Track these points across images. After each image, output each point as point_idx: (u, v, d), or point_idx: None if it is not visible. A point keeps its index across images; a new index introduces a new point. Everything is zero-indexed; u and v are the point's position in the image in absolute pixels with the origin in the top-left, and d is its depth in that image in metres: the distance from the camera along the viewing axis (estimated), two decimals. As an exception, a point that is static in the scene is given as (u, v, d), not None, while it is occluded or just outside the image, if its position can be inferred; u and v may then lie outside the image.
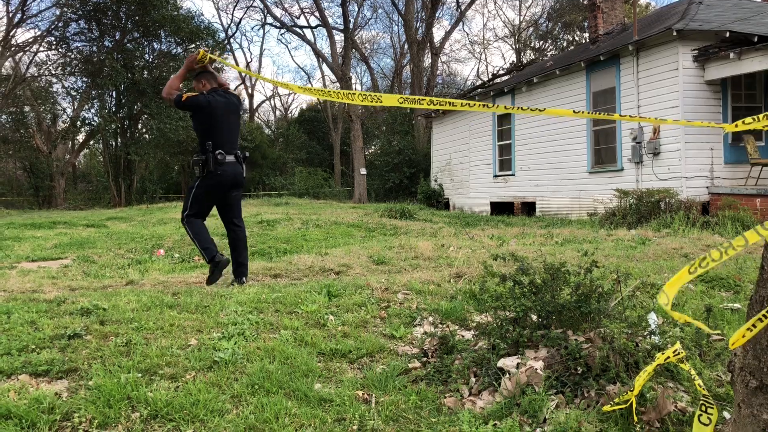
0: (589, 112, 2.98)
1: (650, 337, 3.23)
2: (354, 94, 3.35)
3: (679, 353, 2.52)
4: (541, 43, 38.95)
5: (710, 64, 11.80)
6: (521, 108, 3.35)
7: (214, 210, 5.76)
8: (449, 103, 3.29)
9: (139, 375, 3.15)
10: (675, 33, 11.87)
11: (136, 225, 12.30)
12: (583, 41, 28.96)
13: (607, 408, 2.67)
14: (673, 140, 12.18)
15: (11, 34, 25.65)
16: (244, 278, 5.69)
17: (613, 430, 2.55)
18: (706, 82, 11.98)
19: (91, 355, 3.42)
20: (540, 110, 3.09)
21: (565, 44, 36.06)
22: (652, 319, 3.61)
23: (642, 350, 3.06)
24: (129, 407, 2.83)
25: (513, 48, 41.18)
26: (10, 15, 26.11)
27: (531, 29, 39.39)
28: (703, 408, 2.35)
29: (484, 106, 3.21)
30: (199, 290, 5.05)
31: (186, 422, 2.74)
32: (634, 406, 2.58)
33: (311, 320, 4.16)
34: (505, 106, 3.21)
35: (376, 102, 3.32)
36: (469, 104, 3.18)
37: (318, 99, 45.60)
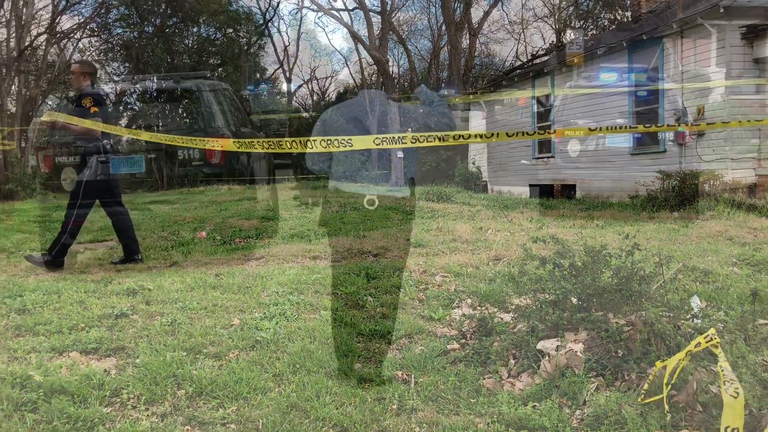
0: (607, 128, 2.88)
1: (692, 321, 3.18)
2: (315, 140, 3.18)
3: (711, 339, 2.49)
4: (581, 22, 38.09)
5: (759, 42, 11.40)
6: (526, 133, 3.20)
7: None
8: (438, 138, 3.15)
9: (184, 354, 3.23)
10: (722, 10, 11.48)
11: (178, 208, 12.49)
12: (625, 20, 28.24)
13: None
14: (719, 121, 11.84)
15: (56, 21, 26.13)
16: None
17: (654, 413, 2.54)
18: (754, 60, 11.58)
19: (137, 334, 3.52)
20: (550, 133, 3.01)
21: (606, 23, 35.21)
22: (695, 302, 3.56)
23: (684, 334, 3.02)
24: (175, 384, 2.92)
25: (553, 28, 40.37)
26: (55, 2, 26.62)
27: (571, 8, 38.53)
28: (726, 384, 2.32)
29: (480, 137, 3.04)
30: (240, 271, 5.14)
31: (230, 399, 2.81)
32: (646, 388, 2.57)
33: (350, 301, 4.21)
34: (506, 134, 3.08)
35: (346, 146, 3.18)
36: (462, 136, 3.08)
37: (355, 82, 45.50)
